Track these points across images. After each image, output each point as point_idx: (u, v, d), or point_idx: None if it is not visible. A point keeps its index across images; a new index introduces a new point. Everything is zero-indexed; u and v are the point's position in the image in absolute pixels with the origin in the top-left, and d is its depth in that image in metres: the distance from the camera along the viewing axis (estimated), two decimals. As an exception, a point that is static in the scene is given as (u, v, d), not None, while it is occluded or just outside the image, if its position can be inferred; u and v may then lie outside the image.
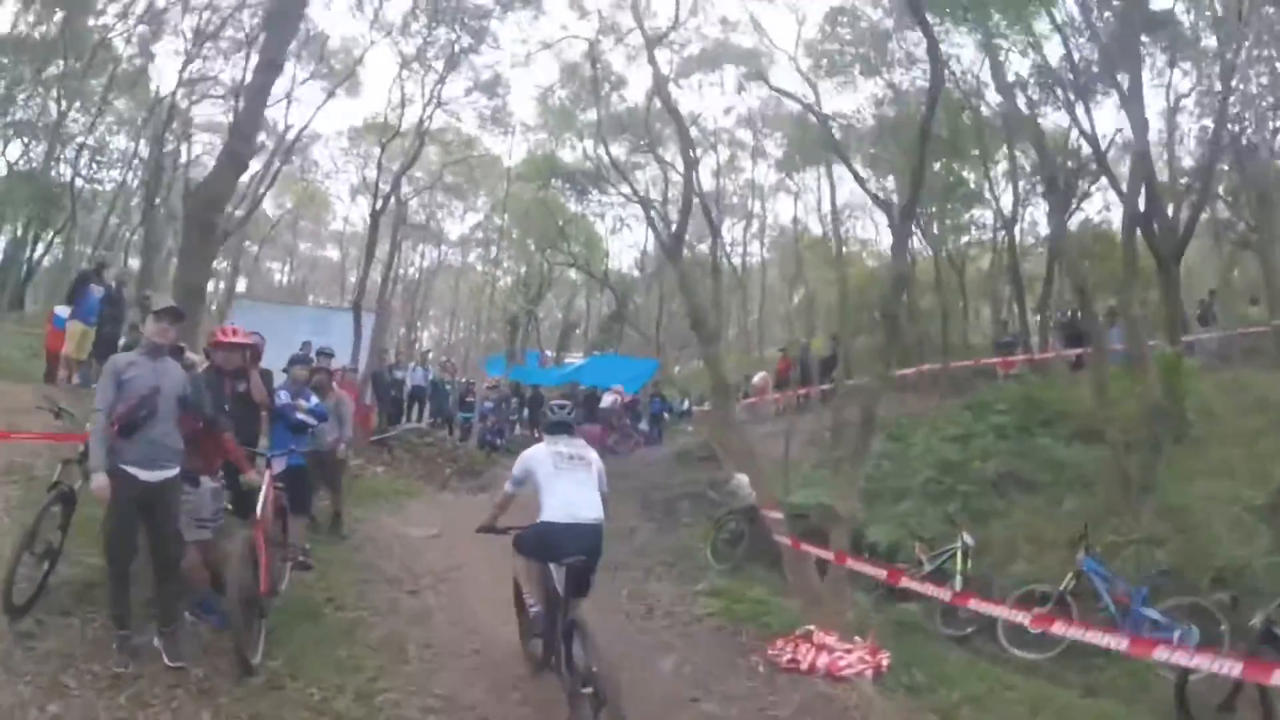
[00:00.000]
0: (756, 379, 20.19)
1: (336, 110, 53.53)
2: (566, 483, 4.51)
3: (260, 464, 5.44)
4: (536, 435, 20.47)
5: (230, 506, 5.25)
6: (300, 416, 6.97)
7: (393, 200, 16.63)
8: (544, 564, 4.50)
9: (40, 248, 22.70)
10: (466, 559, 7.44)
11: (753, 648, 6.05)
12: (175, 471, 4.34)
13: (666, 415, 21.09)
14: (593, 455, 4.84)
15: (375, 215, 15.37)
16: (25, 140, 21.42)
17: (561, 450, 4.70)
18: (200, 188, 6.38)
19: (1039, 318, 19.90)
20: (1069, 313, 18.91)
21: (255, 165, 25.24)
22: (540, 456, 4.70)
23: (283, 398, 6.93)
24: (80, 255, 23.95)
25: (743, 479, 10.06)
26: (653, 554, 10.09)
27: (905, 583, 5.41)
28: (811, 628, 5.92)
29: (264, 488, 5.14)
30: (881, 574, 5.49)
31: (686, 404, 22.68)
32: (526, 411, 20.05)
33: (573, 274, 34.89)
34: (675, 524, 12.23)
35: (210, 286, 23.49)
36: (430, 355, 20.42)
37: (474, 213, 35.90)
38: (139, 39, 21.23)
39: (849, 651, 5.66)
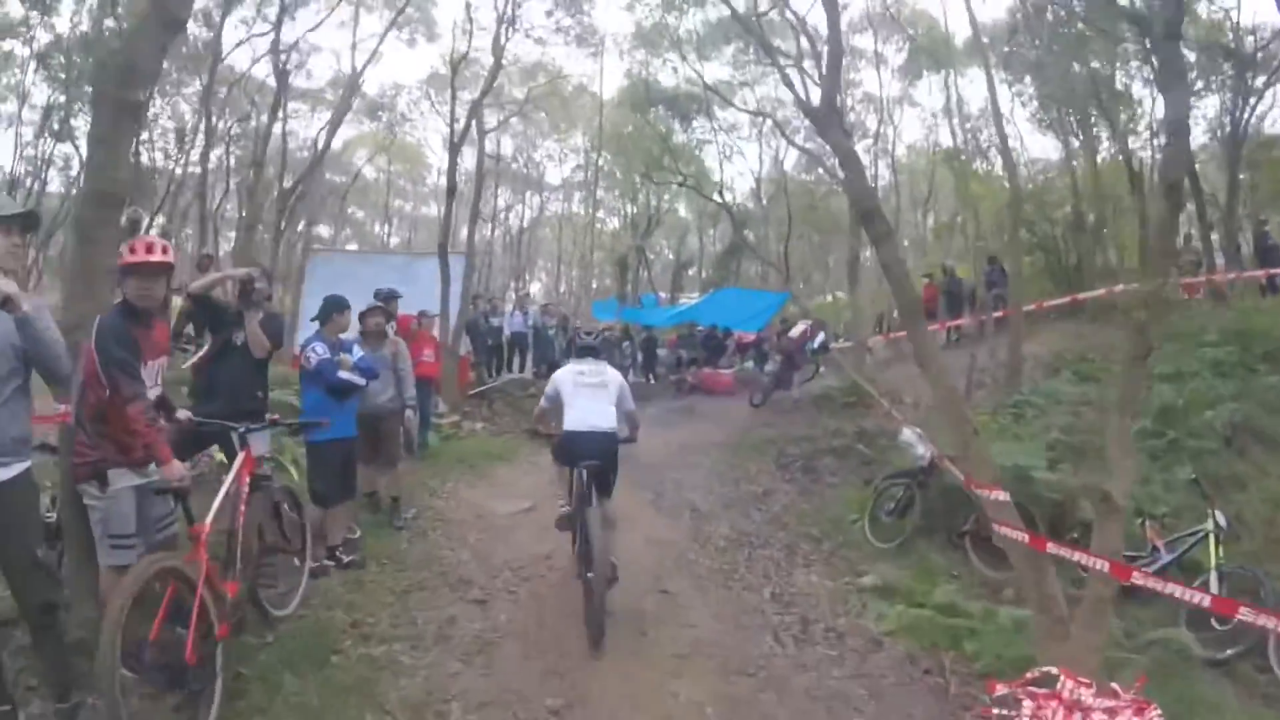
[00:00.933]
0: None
1: (422, 61, 53.21)
2: (584, 398, 5.10)
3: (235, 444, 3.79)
4: (650, 380, 18.84)
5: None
6: (343, 376, 5.39)
7: (474, 130, 14.83)
8: (571, 468, 5.03)
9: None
10: (561, 542, 5.71)
11: (964, 698, 4.00)
12: (18, 470, 2.71)
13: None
14: (610, 376, 5.37)
15: (454, 146, 13.67)
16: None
17: (583, 371, 5.31)
18: (116, 53, 4.63)
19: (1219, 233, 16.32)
20: (1261, 227, 15.43)
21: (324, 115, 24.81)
22: (565, 377, 5.34)
23: (318, 353, 5.34)
24: (185, 239, 24.34)
25: (913, 432, 7.90)
26: (794, 526, 8.17)
27: (1252, 617, 3.13)
28: (1054, 670, 3.78)
29: (225, 484, 3.47)
30: (1198, 599, 3.29)
31: (819, 341, 20.26)
32: (640, 356, 18.29)
33: (682, 211, 32.70)
34: (819, 486, 10.25)
35: (300, 246, 23.20)
36: (530, 297, 18.70)
37: (574, 154, 34.18)
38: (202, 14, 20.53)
39: (1112, 712, 3.53)
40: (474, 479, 8.25)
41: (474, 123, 14.14)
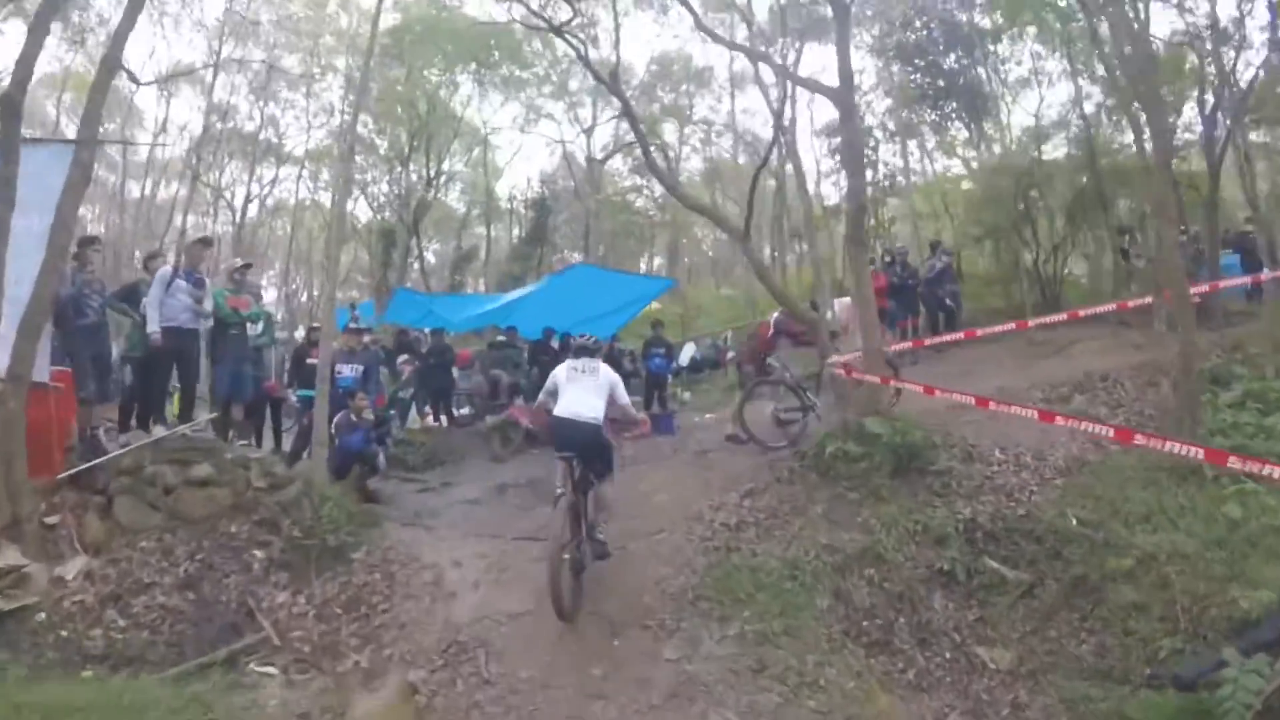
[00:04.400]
0: (837, 309, 11.29)
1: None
2: (573, 388, 5.43)
3: None
4: (443, 422, 10.59)
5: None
6: None
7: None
8: (560, 455, 5.23)
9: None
10: None
11: None
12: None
13: (670, 376, 12.46)
14: (602, 369, 5.57)
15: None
16: None
17: (576, 365, 5.62)
18: None
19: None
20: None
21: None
22: (562, 369, 5.69)
23: None
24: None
25: None
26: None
27: None
28: None
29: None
30: None
31: (688, 354, 14.34)
32: (431, 383, 10.93)
33: (456, 200, 25.28)
34: (982, 678, 4.30)
35: None
36: (208, 244, 8.89)
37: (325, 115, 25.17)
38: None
39: None
40: None
41: None
